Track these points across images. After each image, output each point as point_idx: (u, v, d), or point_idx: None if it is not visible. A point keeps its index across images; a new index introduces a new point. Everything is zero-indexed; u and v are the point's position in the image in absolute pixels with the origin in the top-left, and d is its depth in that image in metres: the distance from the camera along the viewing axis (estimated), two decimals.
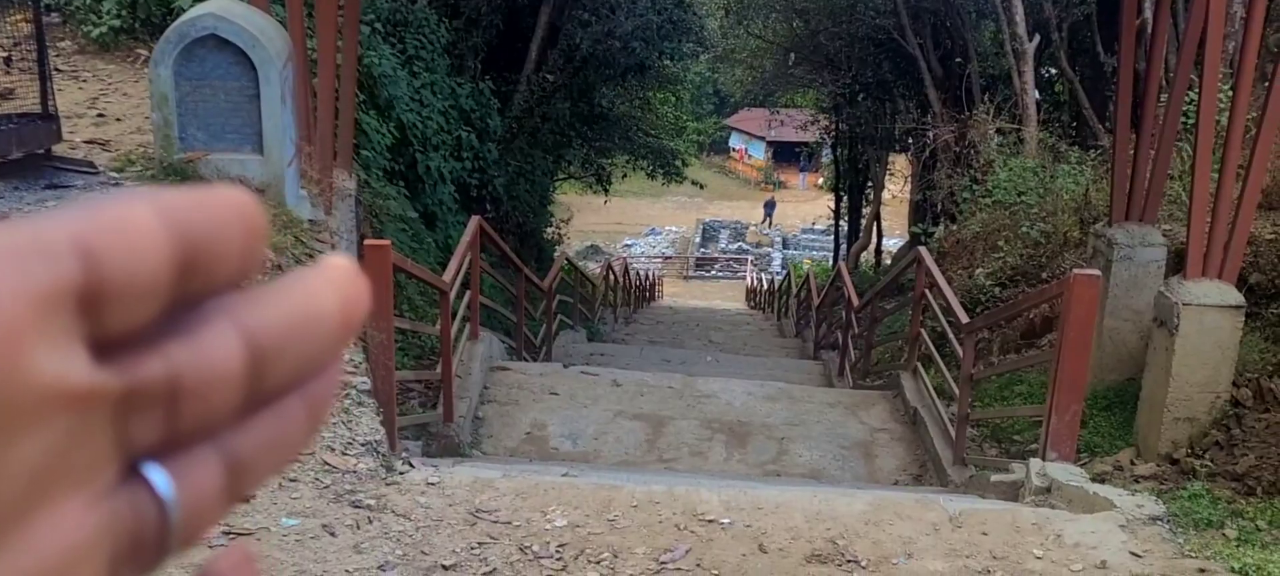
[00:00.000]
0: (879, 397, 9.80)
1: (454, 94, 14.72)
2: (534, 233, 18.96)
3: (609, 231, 58.41)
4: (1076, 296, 5.77)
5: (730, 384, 9.96)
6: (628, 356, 14.66)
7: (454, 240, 13.40)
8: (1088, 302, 5.79)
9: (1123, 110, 8.79)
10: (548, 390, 9.44)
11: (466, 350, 9.41)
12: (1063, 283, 6.19)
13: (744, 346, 18.94)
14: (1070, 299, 5.79)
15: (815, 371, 14.43)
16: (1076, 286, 5.77)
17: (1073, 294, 5.78)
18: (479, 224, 9.46)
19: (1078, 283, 5.77)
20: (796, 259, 53.17)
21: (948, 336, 8.81)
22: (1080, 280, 5.78)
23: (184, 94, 6.29)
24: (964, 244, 14.31)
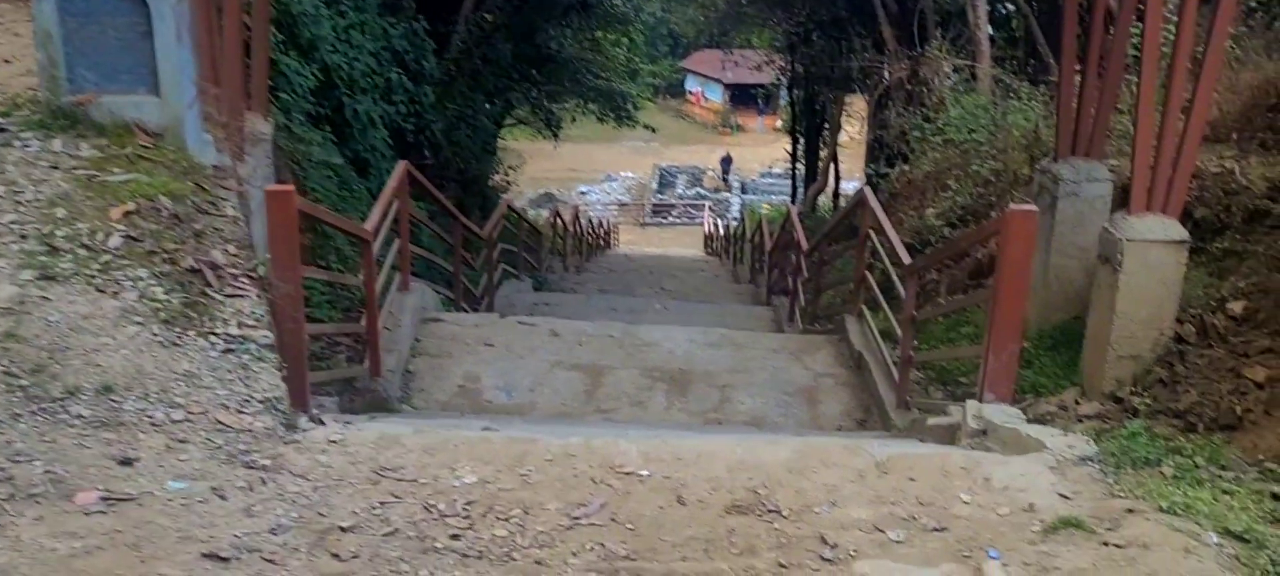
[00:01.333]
0: (824, 342, 9.73)
1: (386, 34, 14.44)
2: (477, 180, 18.74)
3: (563, 178, 58.10)
4: (1012, 233, 5.68)
5: (673, 332, 9.86)
6: (574, 306, 14.53)
7: None
8: (1024, 239, 5.70)
9: (1068, 43, 8.69)
10: (482, 341, 9.31)
11: (396, 301, 9.24)
12: (998, 219, 6.09)
13: (696, 292, 18.85)
14: (1006, 236, 5.70)
15: (765, 317, 14.37)
16: (1012, 222, 5.67)
17: (1009, 230, 5.68)
18: (406, 169, 9.26)
19: (1013, 219, 5.67)
20: (755, 204, 53.10)
21: (892, 279, 8.75)
22: (1016, 216, 5.68)
23: (70, 30, 6.04)
24: (916, 184, 14.25)
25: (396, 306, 9.21)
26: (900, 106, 17.45)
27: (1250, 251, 8.03)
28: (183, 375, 4.78)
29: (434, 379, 8.66)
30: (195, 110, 6.77)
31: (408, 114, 14.95)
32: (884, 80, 19.64)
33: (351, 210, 10.68)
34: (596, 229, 32.56)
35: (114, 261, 5.27)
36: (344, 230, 7.98)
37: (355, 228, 7.72)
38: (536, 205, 53.82)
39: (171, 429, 4.46)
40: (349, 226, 7.75)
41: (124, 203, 5.72)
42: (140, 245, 5.45)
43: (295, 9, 10.90)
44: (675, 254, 35.71)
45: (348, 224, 7.86)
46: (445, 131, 17.31)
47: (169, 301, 5.15)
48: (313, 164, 10.08)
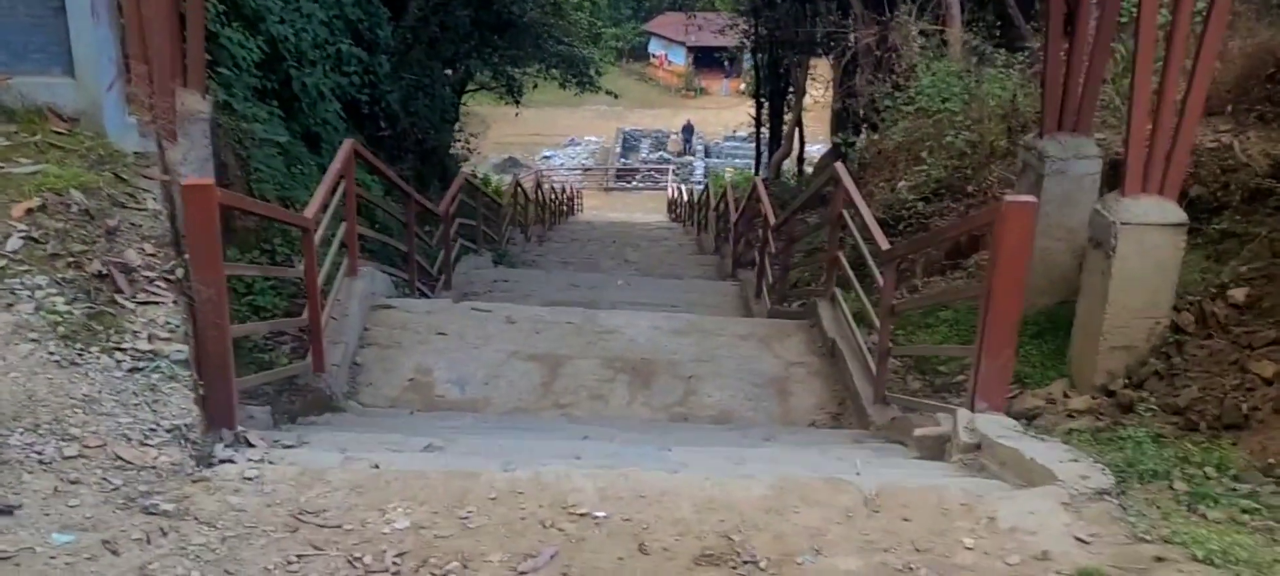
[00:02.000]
0: (795, 328, 9.16)
1: (339, 3, 13.71)
2: (436, 151, 18.03)
3: (527, 143, 57.29)
4: (1009, 226, 5.09)
5: (635, 317, 9.26)
6: (533, 282, 13.93)
7: None
8: (1022, 233, 5.12)
9: (1055, 9, 8.11)
10: (434, 330, 8.68)
11: (344, 288, 8.60)
12: (992, 210, 5.50)
13: (660, 265, 18.28)
14: (1002, 229, 5.11)
15: (731, 293, 13.80)
16: (1009, 215, 5.09)
17: (1005, 224, 5.10)
18: (352, 148, 8.60)
19: (1011, 211, 5.09)
20: (718, 168, 52.53)
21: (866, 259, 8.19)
22: (1013, 208, 5.10)
23: None
24: (886, 155, 13.69)
25: (344, 293, 8.58)
26: (869, 73, 16.85)
27: (1252, 233, 7.52)
28: (81, 401, 4.14)
29: (383, 372, 8.04)
30: (117, 91, 6.10)
31: (362, 85, 14.23)
32: (851, 45, 18.99)
33: (301, 189, 10.02)
34: (560, 196, 31.92)
35: (10, 267, 4.62)
36: (279, 220, 7.32)
37: (291, 217, 7.08)
38: (500, 170, 53.03)
39: (63, 467, 3.83)
40: (284, 216, 7.12)
41: (28, 198, 5.06)
42: (42, 248, 4.79)
43: None
44: (639, 220, 35.10)
45: (282, 214, 7.23)
46: (402, 101, 16.57)
47: (70, 313, 4.50)
48: (257, 142, 9.40)
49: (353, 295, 8.60)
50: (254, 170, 9.16)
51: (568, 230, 26.72)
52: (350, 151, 8.57)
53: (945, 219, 10.63)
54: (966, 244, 9.70)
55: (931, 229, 10.34)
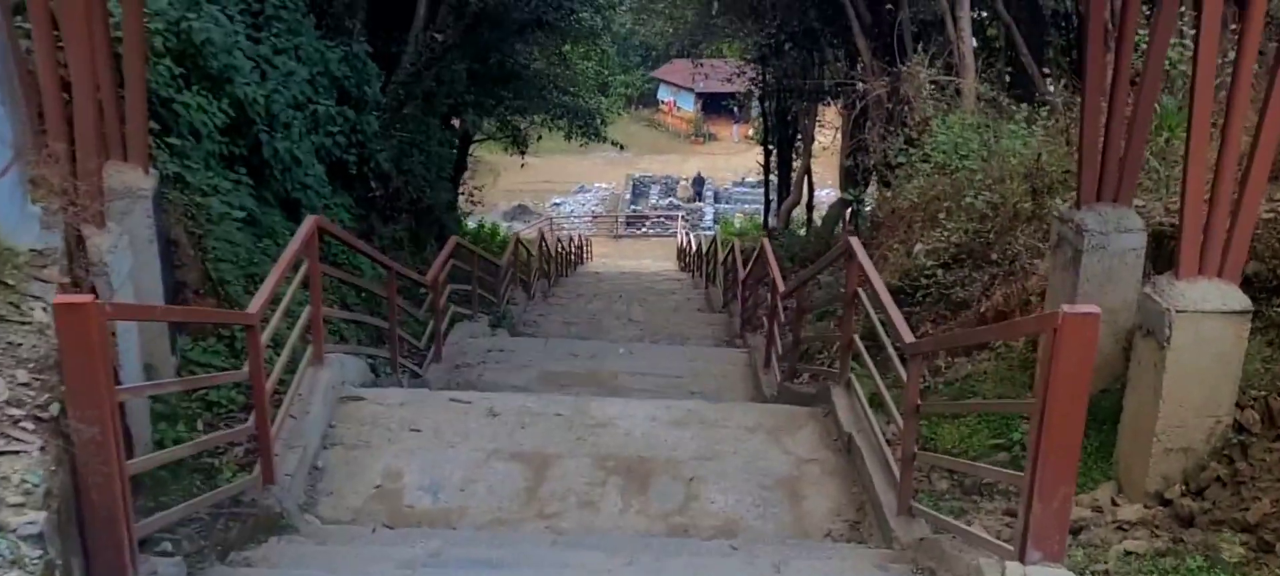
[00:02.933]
0: (807, 417, 8.15)
1: (323, 59, 12.83)
2: (432, 209, 17.10)
3: (537, 190, 56.49)
4: (1068, 341, 4.09)
5: (630, 407, 8.26)
6: (531, 351, 12.98)
7: None
8: (1084, 349, 4.11)
9: (1093, 66, 7.14)
10: (408, 425, 7.72)
11: (307, 380, 7.66)
12: (1047, 320, 4.48)
13: (666, 325, 17.31)
14: (1060, 344, 4.11)
15: (738, 362, 12.82)
16: (1068, 328, 4.09)
17: (1063, 338, 4.09)
18: (316, 225, 7.66)
19: (1070, 324, 4.08)
20: (728, 214, 51.63)
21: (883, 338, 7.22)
22: (1073, 321, 4.09)
23: None
24: (901, 214, 12.72)
25: (307, 386, 7.63)
26: (880, 127, 15.92)
27: None
28: None
29: (347, 477, 7.07)
30: (12, 178, 5.19)
31: (349, 145, 13.34)
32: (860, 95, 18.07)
33: (270, 264, 9.08)
34: (567, 246, 31.00)
35: None
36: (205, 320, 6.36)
37: (228, 317, 6.12)
38: (510, 218, 52.24)
39: None
40: (215, 316, 6.15)
41: None
42: None
43: (199, 38, 9.29)
44: (648, 269, 34.17)
45: (212, 315, 6.26)
46: (395, 160, 15.68)
47: None
48: (215, 218, 8.46)
49: (317, 388, 7.65)
50: (210, 249, 8.22)
51: (574, 283, 25.78)
52: (312, 229, 7.63)
53: (968, 289, 9.64)
54: (993, 317, 8.71)
55: (961, 323, 9.28)
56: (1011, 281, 8.90)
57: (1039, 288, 8.50)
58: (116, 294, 6.18)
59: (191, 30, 9.25)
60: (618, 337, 16.32)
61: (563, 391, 11.43)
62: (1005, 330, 5.89)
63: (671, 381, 11.89)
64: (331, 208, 12.69)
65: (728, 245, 22.66)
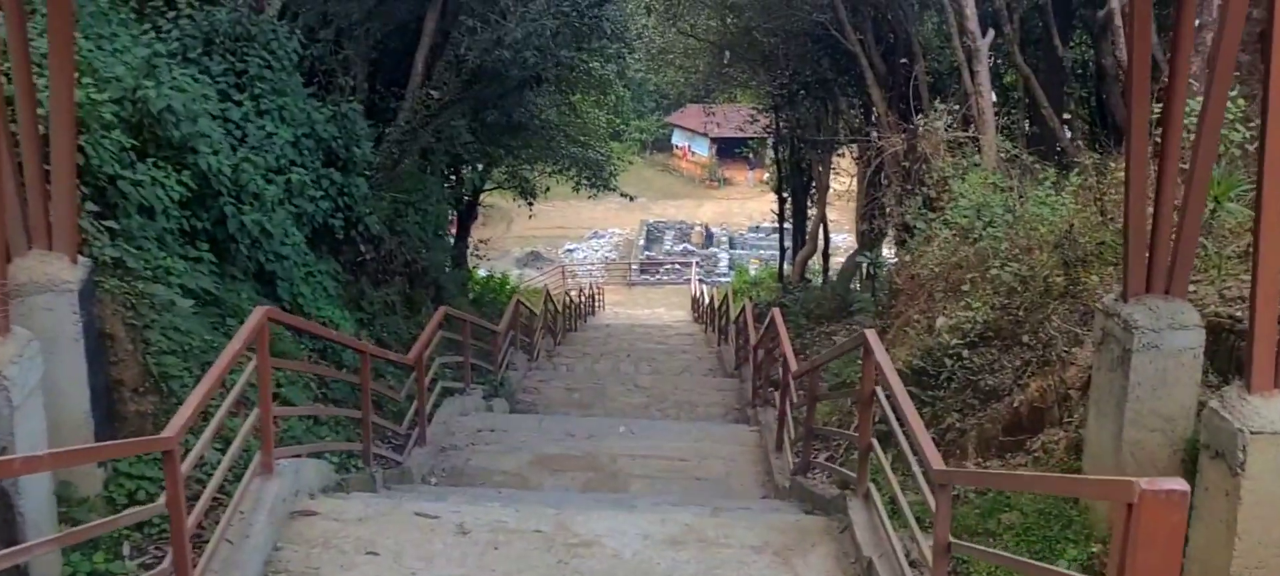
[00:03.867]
0: (821, 533, 7.13)
1: (309, 120, 11.95)
2: (428, 271, 16.16)
3: (550, 236, 55.73)
4: (1150, 526, 3.09)
5: (620, 521, 7.23)
6: (524, 431, 12.02)
7: (305, 300, 10.73)
8: (1167, 539, 3.13)
9: (1138, 130, 6.14)
10: (365, 548, 6.73)
11: (251, 494, 6.70)
12: (1117, 489, 3.46)
13: (674, 391, 16.31)
14: (1138, 531, 3.12)
15: (749, 443, 11.83)
16: (1150, 509, 3.08)
17: (1143, 524, 3.11)
18: (262, 318, 6.71)
19: (1152, 508, 3.09)
20: (743, 259, 50.70)
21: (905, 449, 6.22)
22: (1155, 499, 3.09)
23: None
24: (920, 282, 11.70)
25: (251, 501, 6.67)
26: (897, 184, 14.94)
27: None
28: None
29: None
30: None
31: (335, 209, 12.43)
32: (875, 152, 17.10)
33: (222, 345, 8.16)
34: (575, 300, 30.07)
35: None
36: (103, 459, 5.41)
37: (130, 448, 5.15)
38: (523, 264, 51.47)
39: None
40: (108, 453, 5.21)
41: None
42: None
43: (157, 107, 8.40)
44: (661, 321, 33.23)
45: (103, 452, 5.31)
46: (388, 220, 14.78)
47: None
48: (159, 307, 7.52)
49: (262, 504, 6.69)
50: (152, 342, 7.28)
51: (582, 340, 24.81)
52: (260, 322, 6.69)
53: (997, 375, 8.61)
54: (1028, 416, 7.70)
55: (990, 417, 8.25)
56: (1047, 371, 7.88)
57: (1079, 380, 7.49)
58: (18, 410, 5.28)
59: (148, 99, 8.37)
60: (622, 406, 15.40)
61: (556, 476, 10.53)
62: (1060, 485, 4.68)
63: (675, 466, 10.93)
64: (315, 275, 11.80)
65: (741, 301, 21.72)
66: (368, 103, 15.15)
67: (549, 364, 20.04)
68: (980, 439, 8.01)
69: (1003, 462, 7.57)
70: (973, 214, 11.43)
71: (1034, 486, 4.34)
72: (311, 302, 11.26)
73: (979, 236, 10.79)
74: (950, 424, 8.59)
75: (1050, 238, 9.70)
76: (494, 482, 10.41)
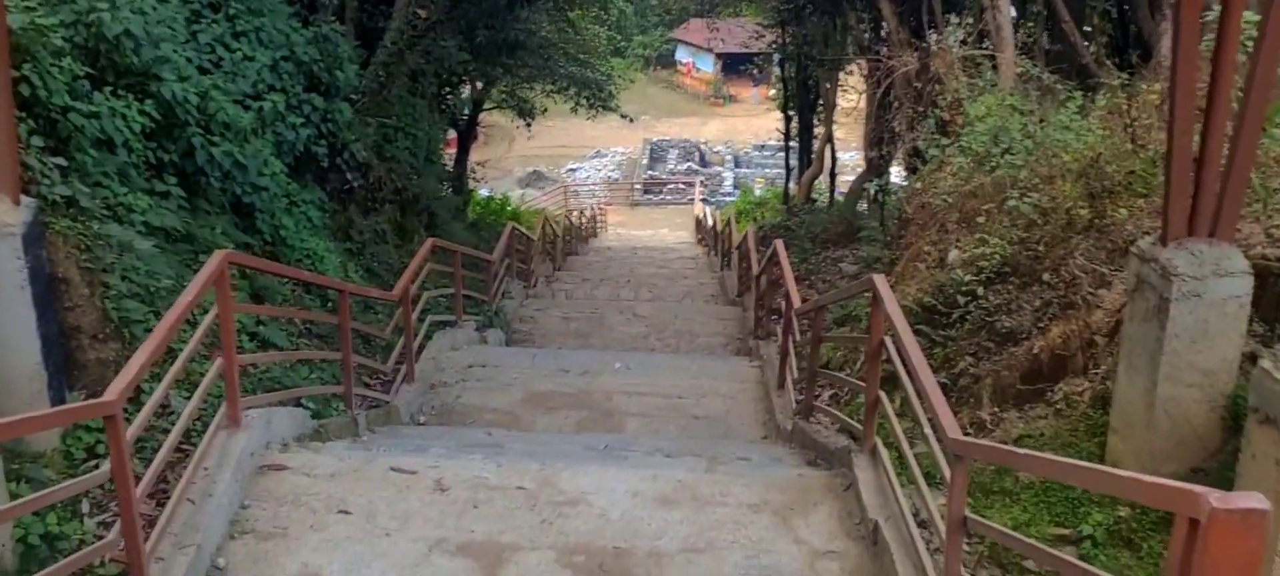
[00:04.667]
0: (823, 491, 6.65)
1: (288, 42, 11.36)
2: (419, 197, 15.60)
3: (553, 155, 55.07)
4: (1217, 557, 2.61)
5: (608, 478, 6.75)
6: (516, 366, 11.58)
7: (288, 233, 10.23)
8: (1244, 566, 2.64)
9: (1185, 60, 5.57)
10: (337, 505, 6.28)
11: (215, 449, 6.25)
12: (1182, 499, 2.92)
13: (674, 321, 15.82)
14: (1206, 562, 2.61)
15: (749, 379, 11.36)
16: (1220, 535, 2.59)
17: (1211, 548, 2.61)
18: (222, 262, 6.19)
19: (1223, 528, 2.58)
20: (748, 178, 50.03)
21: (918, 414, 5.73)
22: (1227, 522, 2.58)
23: None
24: (931, 212, 11.15)
25: (215, 457, 6.21)
26: (908, 106, 14.32)
27: None
28: None
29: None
30: None
31: (319, 135, 11.89)
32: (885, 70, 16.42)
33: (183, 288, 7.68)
34: (576, 223, 29.54)
35: None
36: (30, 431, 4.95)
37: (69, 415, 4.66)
38: (525, 184, 50.86)
39: None
40: (40, 424, 4.73)
41: None
42: None
43: (113, 32, 7.82)
44: (664, 242, 32.73)
45: (35, 423, 4.82)
46: (376, 147, 14.22)
47: None
48: (119, 247, 7.01)
49: (228, 459, 6.23)
50: (112, 286, 6.79)
51: (582, 265, 24.30)
52: (219, 266, 6.18)
53: (1015, 316, 8.08)
54: (1050, 365, 7.19)
55: (1009, 363, 7.71)
56: (1070, 314, 7.36)
57: (1106, 326, 6.98)
58: None
59: (102, 23, 7.79)
60: (621, 336, 14.95)
61: (549, 415, 10.11)
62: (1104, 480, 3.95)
63: (672, 403, 10.49)
64: (298, 206, 11.30)
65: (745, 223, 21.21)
66: (356, 22, 14.54)
67: (547, 291, 19.55)
68: (996, 387, 7.51)
69: (1020, 413, 7.09)
70: (989, 139, 10.86)
71: (1069, 476, 3.77)
72: (294, 235, 10.76)
73: (996, 164, 10.23)
74: (963, 368, 8.09)
75: (1074, 166, 9.15)
76: (484, 421, 9.99)
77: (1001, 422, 7.08)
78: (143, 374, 4.97)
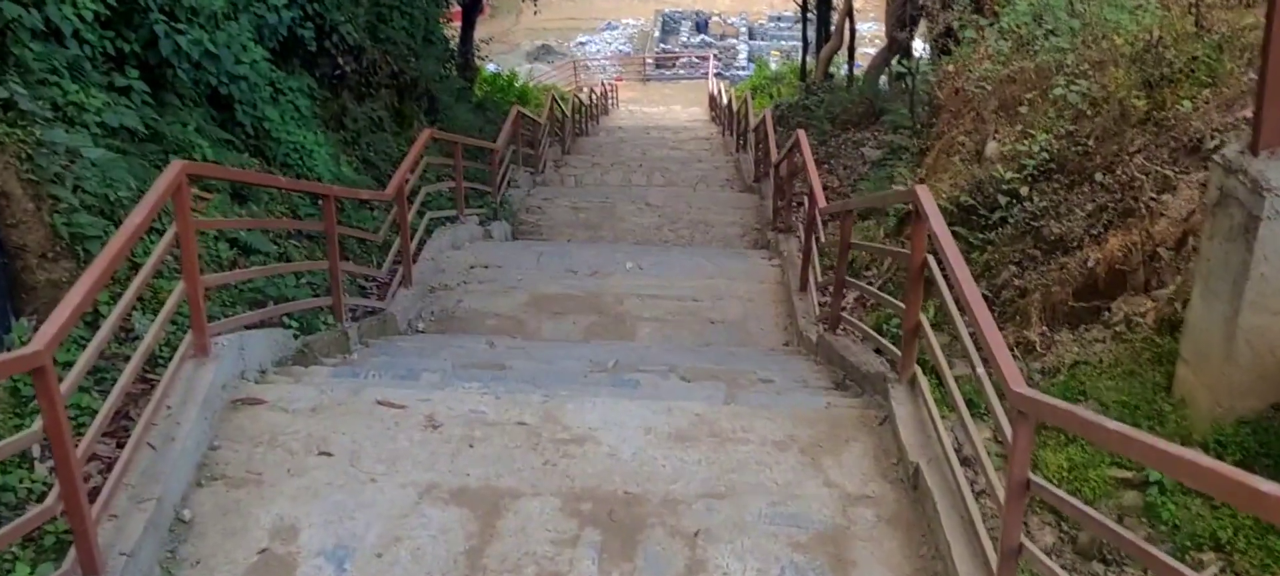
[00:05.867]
0: (855, 425, 6.01)
1: None
2: (417, 81, 14.79)
3: (562, 28, 53.81)
4: None
5: (619, 410, 6.11)
6: (521, 267, 10.95)
7: (273, 125, 9.54)
8: None
9: None
10: (317, 445, 5.69)
11: (180, 382, 5.64)
12: None
13: (688, 210, 15.13)
14: None
15: (770, 279, 10.74)
16: None
17: None
18: (179, 174, 5.51)
19: None
20: (763, 51, 48.80)
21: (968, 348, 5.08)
22: None
23: None
24: (967, 97, 10.37)
25: (180, 392, 5.61)
26: None
27: None
28: None
29: (222, 536, 5.06)
30: None
31: (303, 17, 11.11)
32: None
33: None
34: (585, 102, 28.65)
35: None
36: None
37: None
38: (533, 59, 49.74)
39: None
40: None
41: None
42: None
43: None
44: (675, 123, 31.80)
45: None
46: (369, 27, 13.42)
47: None
48: (62, 154, 6.31)
49: (194, 394, 5.63)
50: (61, 199, 6.12)
51: (592, 146, 23.55)
52: (175, 178, 5.50)
53: (1065, 222, 7.34)
54: (1107, 280, 6.50)
55: (1061, 278, 6.97)
56: (1129, 223, 6.65)
57: (1171, 236, 6.28)
58: None
59: None
60: (633, 227, 14.31)
61: (556, 320, 9.51)
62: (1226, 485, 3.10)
63: (687, 307, 9.89)
64: (284, 94, 10.56)
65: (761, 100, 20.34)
66: None
67: (556, 176, 18.84)
68: (1045, 303, 6.82)
69: (1074, 335, 6.42)
70: (1030, 19, 10.06)
71: (1179, 471, 2.99)
72: (280, 127, 10.04)
73: (1039, 46, 9.44)
74: (1006, 279, 7.41)
75: (1127, 50, 8.38)
76: (487, 328, 9.41)
77: (1053, 345, 6.42)
78: (75, 318, 4.32)
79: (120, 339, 6.11)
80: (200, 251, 7.29)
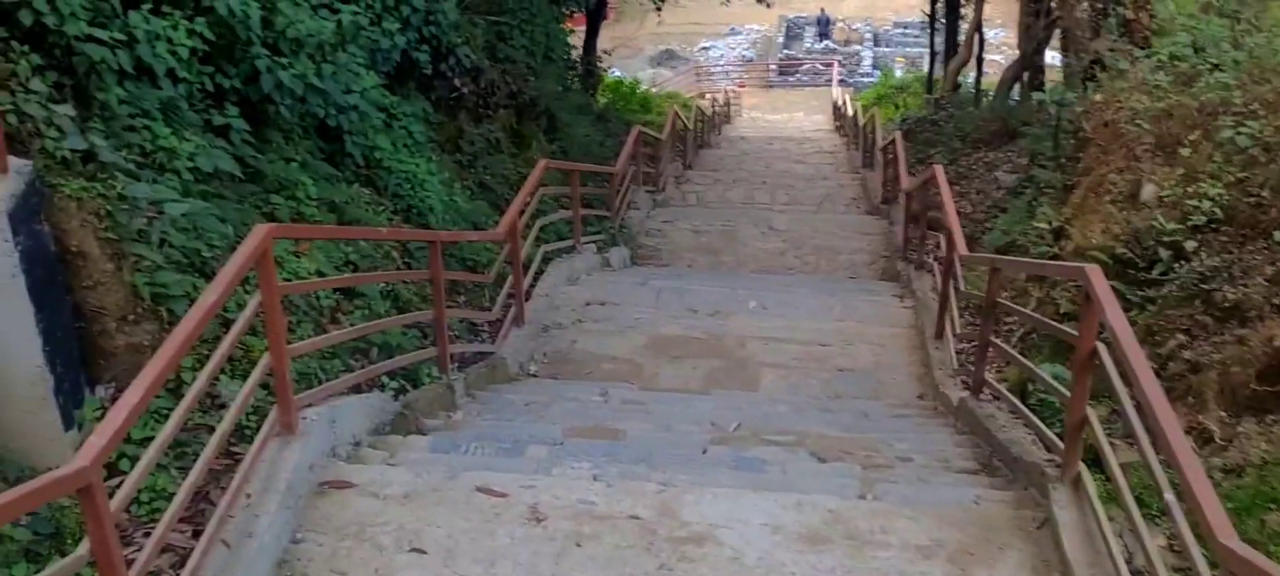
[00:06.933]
0: (1010, 529, 5.16)
1: None
2: (537, 100, 14.20)
3: (686, 32, 53.02)
4: None
5: (741, 505, 5.35)
6: (639, 303, 10.40)
7: (385, 154, 9.10)
8: None
9: None
10: (409, 541, 5.05)
11: (264, 463, 5.07)
12: None
13: (813, 234, 14.42)
14: None
15: (903, 323, 9.96)
16: None
17: None
18: (265, 239, 4.94)
19: None
20: (888, 58, 47.52)
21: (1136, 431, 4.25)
22: None
23: None
24: (1117, 132, 9.38)
25: (263, 475, 5.04)
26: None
27: None
28: None
29: None
30: None
31: (420, 39, 10.62)
32: None
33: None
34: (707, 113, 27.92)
35: None
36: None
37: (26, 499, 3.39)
38: (656, 63, 49.20)
39: None
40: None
41: None
42: None
43: None
44: (799, 133, 30.89)
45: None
46: (488, 47, 12.89)
47: None
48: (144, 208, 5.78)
49: (276, 480, 5.04)
50: (144, 256, 5.61)
51: (714, 159, 22.84)
52: (260, 245, 4.94)
53: (1241, 286, 6.41)
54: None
55: (1240, 354, 6.06)
56: None
57: None
58: None
59: None
60: (756, 252, 13.65)
61: (675, 365, 8.86)
62: None
63: (814, 352, 9.18)
64: (398, 121, 10.06)
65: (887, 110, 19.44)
66: None
67: (677, 193, 18.17)
68: (1223, 383, 5.91)
69: (1260, 425, 5.51)
70: (1190, 49, 9.06)
71: None
72: (392, 156, 9.55)
73: (1202, 82, 8.46)
74: (1173, 349, 6.49)
75: None
76: (602, 372, 8.82)
77: (1236, 437, 5.52)
78: (129, 425, 3.76)
79: (205, 409, 5.59)
80: (296, 299, 6.81)
